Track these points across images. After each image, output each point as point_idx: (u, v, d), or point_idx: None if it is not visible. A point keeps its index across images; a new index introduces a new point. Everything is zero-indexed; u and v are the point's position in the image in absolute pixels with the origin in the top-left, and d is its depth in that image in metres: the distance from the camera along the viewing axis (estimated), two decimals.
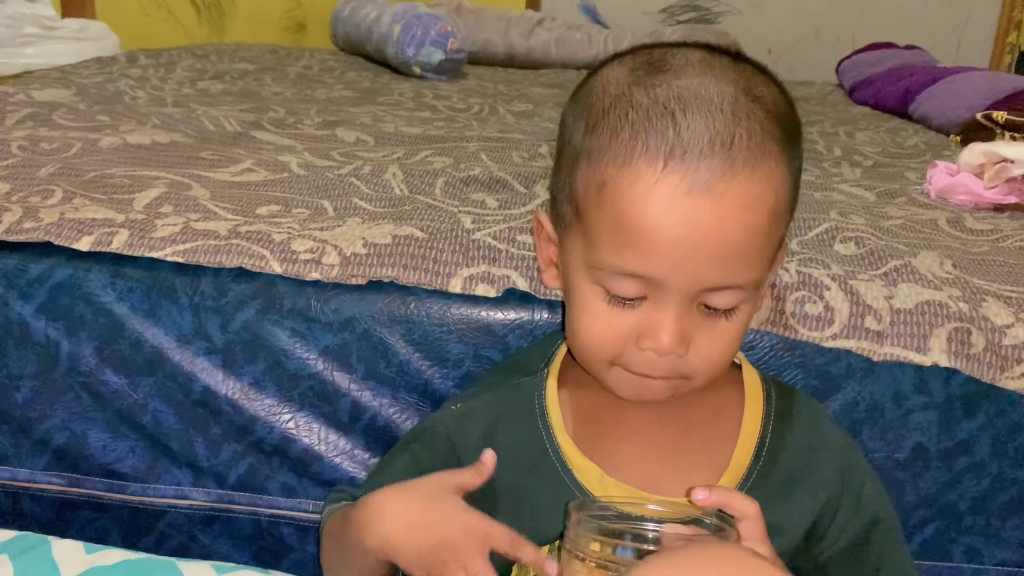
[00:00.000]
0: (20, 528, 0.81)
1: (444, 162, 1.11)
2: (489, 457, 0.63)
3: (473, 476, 0.62)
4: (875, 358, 0.75)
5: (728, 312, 0.58)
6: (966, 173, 1.14)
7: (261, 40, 2.58)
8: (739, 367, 0.67)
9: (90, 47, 2.27)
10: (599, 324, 0.59)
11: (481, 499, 0.66)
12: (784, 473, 0.64)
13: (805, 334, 0.75)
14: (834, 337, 0.75)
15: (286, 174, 1.01)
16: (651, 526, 0.51)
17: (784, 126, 0.57)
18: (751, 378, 0.67)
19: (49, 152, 1.03)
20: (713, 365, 0.60)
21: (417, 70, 2.00)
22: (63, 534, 0.80)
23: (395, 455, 0.70)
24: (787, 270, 0.78)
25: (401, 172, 1.03)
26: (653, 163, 0.54)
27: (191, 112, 1.34)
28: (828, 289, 0.77)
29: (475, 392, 0.72)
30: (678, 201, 0.54)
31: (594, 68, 0.63)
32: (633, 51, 0.61)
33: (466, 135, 1.32)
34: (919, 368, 0.76)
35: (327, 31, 2.56)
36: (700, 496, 0.53)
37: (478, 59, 2.35)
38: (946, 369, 0.75)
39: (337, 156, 1.11)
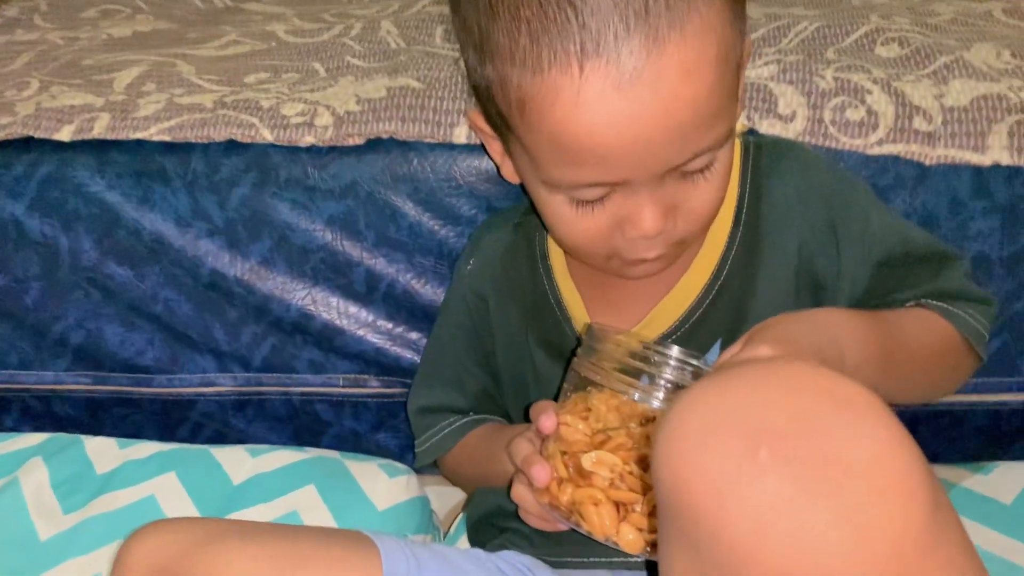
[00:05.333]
0: (57, 431, 0.81)
1: (444, 9, 1.03)
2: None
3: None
4: (927, 162, 0.67)
5: (706, 168, 0.52)
6: None
7: None
8: None
9: None
10: (576, 228, 0.54)
11: (482, 338, 0.68)
12: (766, 227, 0.60)
13: (847, 142, 0.67)
14: (880, 143, 0.67)
15: (274, 43, 0.94)
16: (674, 353, 0.48)
17: None
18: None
19: (25, 51, 0.97)
20: (706, 221, 0.56)
21: None
22: (99, 433, 0.80)
23: (443, 332, 0.71)
24: (823, 77, 0.71)
25: (395, 26, 0.95)
26: (567, 69, 0.46)
27: None
28: (870, 93, 0.69)
29: (479, 239, 0.69)
30: (610, 103, 0.46)
31: None
32: None
33: None
34: (977, 170, 0.68)
35: None
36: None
37: None
38: (1008, 168, 0.68)
39: (328, 17, 1.03)
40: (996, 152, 0.67)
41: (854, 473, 0.31)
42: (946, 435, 0.78)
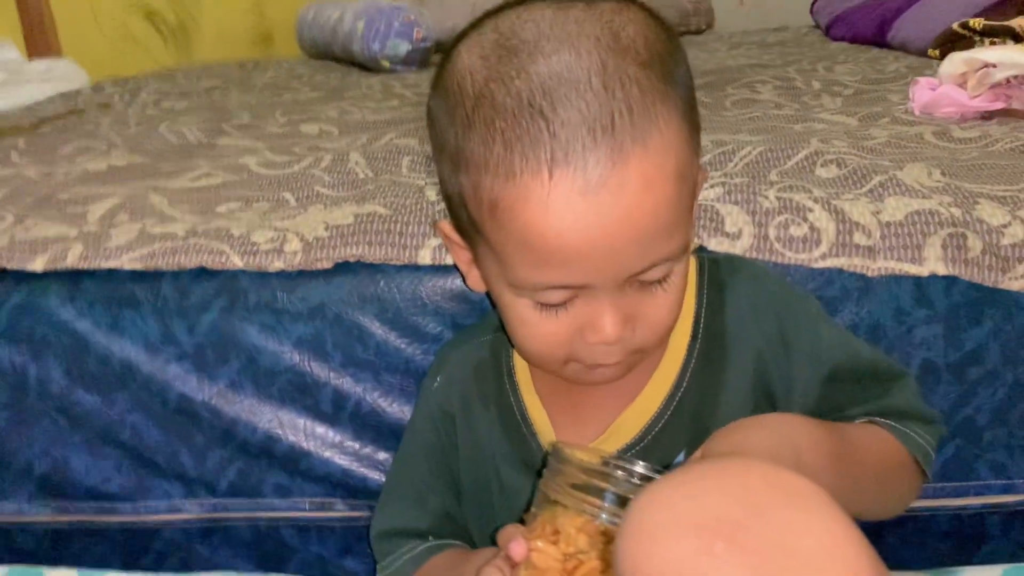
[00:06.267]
0: (16, 563, 0.79)
1: (410, 142, 1.08)
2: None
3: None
4: (869, 274, 0.71)
5: (663, 280, 0.55)
6: (949, 85, 1.10)
7: (229, 57, 2.55)
8: None
9: (60, 86, 2.25)
10: (538, 332, 0.57)
11: (448, 455, 0.68)
12: (724, 338, 0.63)
13: (792, 257, 0.71)
14: (823, 256, 0.71)
15: (246, 174, 0.98)
16: (639, 468, 0.48)
17: (662, 62, 0.52)
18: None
19: (0, 186, 1.00)
20: (663, 332, 0.58)
21: (386, 64, 1.96)
22: (60, 564, 0.78)
23: (407, 449, 0.71)
24: (767, 197, 0.75)
25: (364, 158, 1.00)
26: (538, 174, 0.50)
27: (153, 129, 1.31)
28: (811, 211, 0.73)
29: (446, 356, 0.70)
30: (576, 208, 0.49)
31: (448, 48, 0.57)
32: (480, 23, 0.56)
33: None
34: (917, 281, 0.72)
35: (295, 40, 2.53)
36: None
37: (447, 47, 2.31)
38: (946, 278, 0.72)
39: (298, 150, 1.08)
40: (932, 263, 0.71)
41: (806, 562, 0.32)
42: (912, 541, 0.79)
